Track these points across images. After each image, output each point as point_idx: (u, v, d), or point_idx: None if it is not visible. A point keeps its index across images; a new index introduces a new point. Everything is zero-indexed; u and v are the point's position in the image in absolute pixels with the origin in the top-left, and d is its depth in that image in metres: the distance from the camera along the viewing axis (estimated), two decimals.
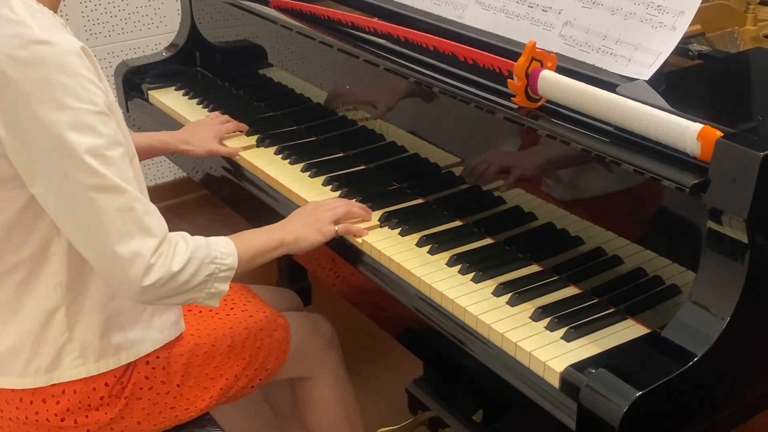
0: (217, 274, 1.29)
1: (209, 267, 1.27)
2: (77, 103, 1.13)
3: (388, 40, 1.65)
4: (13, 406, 1.33)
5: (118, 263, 1.18)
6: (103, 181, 1.15)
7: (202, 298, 1.29)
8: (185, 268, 1.23)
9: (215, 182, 2.00)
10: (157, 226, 1.21)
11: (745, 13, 1.62)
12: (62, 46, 1.14)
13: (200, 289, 1.27)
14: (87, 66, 1.16)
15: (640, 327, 1.23)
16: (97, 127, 1.15)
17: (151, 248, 1.20)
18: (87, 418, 1.34)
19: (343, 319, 2.07)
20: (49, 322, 1.28)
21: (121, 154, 1.18)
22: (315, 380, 1.64)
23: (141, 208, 1.19)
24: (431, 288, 1.36)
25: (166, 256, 1.21)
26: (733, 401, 1.21)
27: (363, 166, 1.76)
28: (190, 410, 1.42)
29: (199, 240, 1.29)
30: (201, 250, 1.27)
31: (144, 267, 1.19)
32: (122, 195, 1.17)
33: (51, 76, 1.12)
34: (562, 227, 1.37)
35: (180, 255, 1.23)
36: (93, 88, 1.16)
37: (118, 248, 1.17)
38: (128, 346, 1.34)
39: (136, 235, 1.18)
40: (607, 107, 1.20)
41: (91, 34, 2.86)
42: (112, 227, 1.17)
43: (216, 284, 1.29)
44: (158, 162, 3.14)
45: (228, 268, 1.30)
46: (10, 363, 1.30)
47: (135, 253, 1.18)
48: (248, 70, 2.16)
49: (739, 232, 1.07)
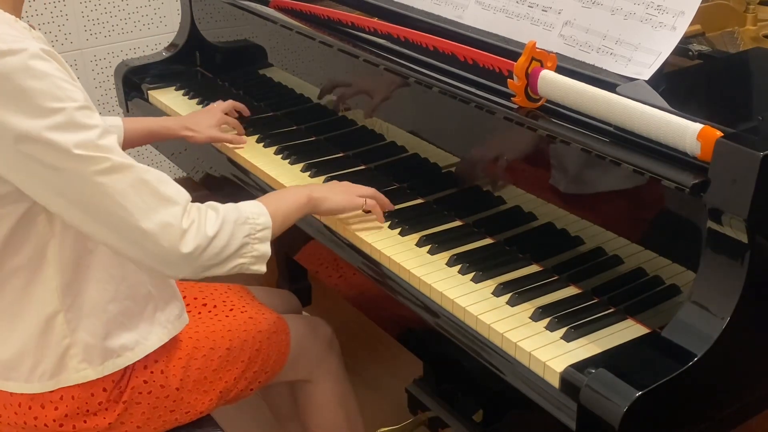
0: (254, 234, 1.28)
1: (244, 228, 1.26)
2: (57, 104, 1.11)
3: (388, 40, 1.65)
4: (12, 411, 1.33)
5: (149, 239, 1.16)
6: (105, 164, 1.13)
7: (248, 264, 1.28)
8: (220, 231, 1.22)
9: (215, 182, 1.99)
10: (176, 192, 1.20)
11: (745, 13, 1.62)
12: (27, 51, 1.10)
13: (242, 253, 1.26)
14: (55, 66, 1.13)
15: (640, 327, 1.23)
16: (84, 121, 1.13)
17: (177, 215, 1.18)
18: (86, 423, 1.33)
19: (343, 319, 2.07)
20: (50, 327, 1.27)
21: (114, 141, 1.16)
22: (315, 383, 1.64)
23: (153, 179, 1.17)
24: (431, 288, 1.36)
25: (198, 223, 1.20)
26: (733, 401, 1.21)
27: (363, 166, 1.76)
28: (190, 413, 1.42)
29: (227, 205, 1.28)
30: (232, 213, 1.26)
31: (178, 234, 1.17)
32: (130, 171, 1.15)
33: (22, 84, 1.09)
34: (562, 227, 1.37)
35: (212, 220, 1.22)
36: (68, 86, 1.13)
37: (144, 224, 1.15)
38: (132, 346, 1.34)
39: (158, 207, 1.16)
40: (607, 107, 1.20)
41: (91, 34, 2.86)
42: (130, 205, 1.14)
43: (257, 246, 1.28)
44: (158, 162, 3.14)
45: (263, 227, 1.29)
46: (17, 368, 1.29)
47: (163, 223, 1.16)
48: (248, 70, 2.16)
49: (739, 232, 1.07)
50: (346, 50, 1.70)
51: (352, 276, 1.53)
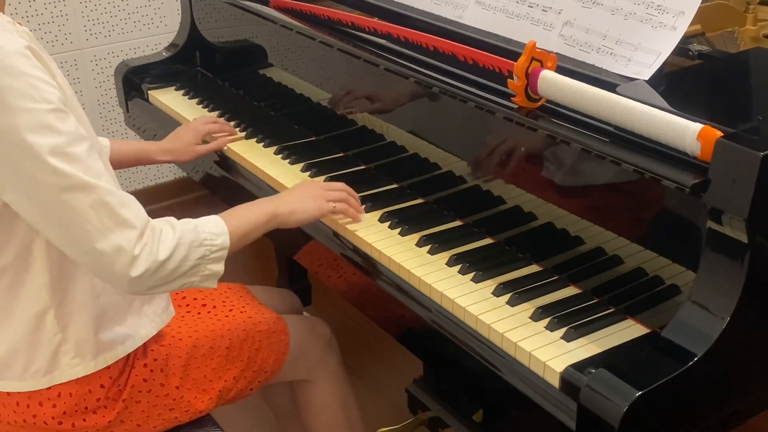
0: (209, 256, 1.27)
1: (199, 250, 1.25)
2: (30, 104, 1.10)
3: (388, 40, 1.65)
4: (11, 410, 1.33)
5: (102, 260, 1.17)
6: (70, 181, 1.13)
7: (197, 282, 1.27)
8: (173, 255, 1.21)
9: (215, 182, 1.99)
10: (134, 216, 1.19)
11: (745, 13, 1.62)
12: (5, 48, 1.10)
13: (192, 273, 1.25)
14: (34, 65, 1.13)
15: (640, 327, 1.23)
16: (55, 125, 1.12)
17: (132, 240, 1.18)
18: (85, 421, 1.33)
19: (343, 319, 2.07)
20: (40, 325, 1.28)
21: (86, 149, 1.16)
22: (314, 383, 1.64)
23: (114, 201, 1.17)
24: (431, 288, 1.36)
25: (151, 246, 1.19)
26: (733, 401, 1.21)
27: (363, 166, 1.76)
28: (189, 412, 1.42)
29: (186, 224, 1.26)
30: (188, 234, 1.25)
31: (129, 259, 1.17)
32: (93, 191, 1.15)
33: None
34: (562, 227, 1.37)
35: (166, 243, 1.21)
36: (44, 86, 1.13)
37: (98, 245, 1.16)
38: (122, 339, 1.34)
39: (115, 229, 1.16)
40: (607, 107, 1.20)
41: (91, 34, 2.86)
42: (88, 225, 1.15)
43: (209, 266, 1.27)
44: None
45: (219, 248, 1.28)
46: (9, 367, 1.30)
47: (117, 247, 1.16)
48: (248, 70, 2.16)
49: (739, 232, 1.07)
50: (346, 50, 1.70)
51: (352, 276, 1.53)
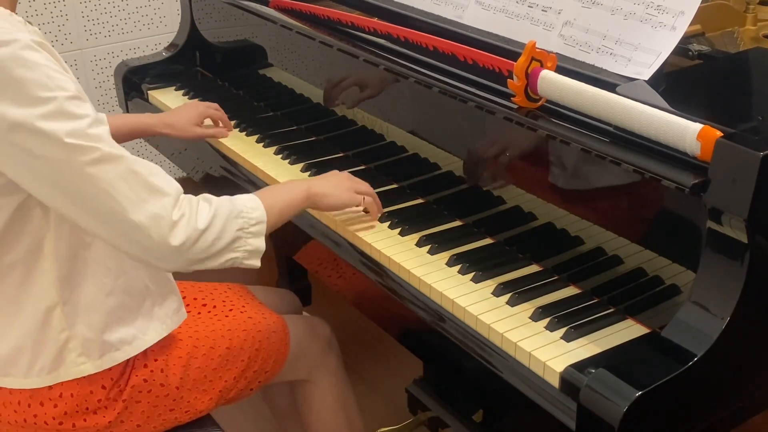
0: (247, 228, 1.26)
1: (237, 221, 1.25)
2: (47, 93, 1.10)
3: (388, 40, 1.65)
4: (11, 409, 1.33)
5: (139, 231, 1.15)
6: (95, 154, 1.12)
7: (240, 258, 1.27)
8: (212, 224, 1.21)
9: (215, 182, 1.99)
10: (166, 183, 1.19)
11: (745, 13, 1.62)
12: (18, 41, 1.10)
13: (235, 247, 1.25)
14: (47, 57, 1.13)
15: (640, 327, 1.23)
16: (74, 111, 1.12)
17: (168, 206, 1.17)
18: (85, 421, 1.33)
19: (343, 319, 2.07)
20: (48, 321, 1.27)
21: (106, 131, 1.15)
22: (314, 383, 1.64)
23: (144, 170, 1.16)
24: (431, 288, 1.36)
25: (189, 215, 1.19)
26: (733, 401, 1.21)
27: (363, 166, 1.76)
28: (189, 412, 1.42)
29: (222, 198, 1.27)
30: (225, 205, 1.25)
31: (168, 226, 1.16)
32: (120, 161, 1.14)
33: (13, 74, 1.09)
34: (562, 227, 1.37)
35: (204, 212, 1.21)
36: (59, 75, 1.13)
37: (134, 216, 1.14)
38: (130, 340, 1.34)
39: (149, 198, 1.16)
40: (607, 107, 1.20)
41: (91, 34, 2.86)
42: (120, 196, 1.14)
43: (250, 240, 1.27)
44: (158, 162, 3.12)
45: (257, 221, 1.28)
46: (15, 364, 1.29)
47: (153, 215, 1.15)
48: (248, 70, 2.16)
49: (739, 232, 1.07)
50: (346, 50, 1.70)
51: (352, 276, 1.53)
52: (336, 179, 1.51)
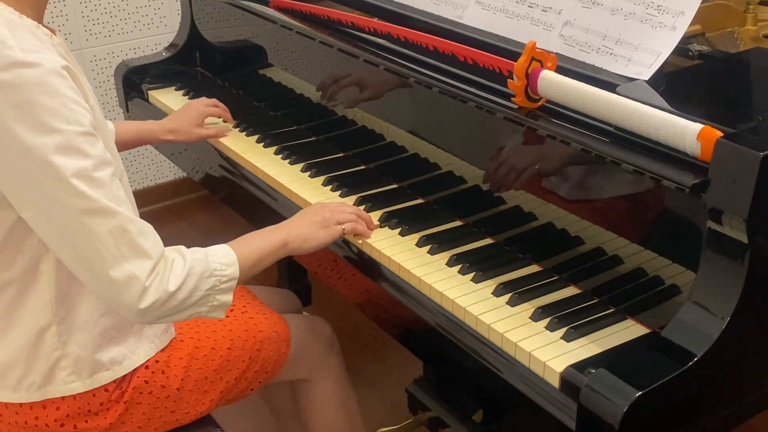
0: (218, 287, 1.25)
1: (209, 281, 1.24)
2: (63, 125, 1.10)
3: (388, 40, 1.65)
4: (13, 411, 1.33)
5: (113, 287, 1.16)
6: (93, 204, 1.12)
7: (205, 312, 1.26)
8: (183, 285, 1.20)
9: (215, 182, 2.00)
10: (151, 246, 1.18)
11: (745, 13, 1.62)
12: (44, 66, 1.10)
13: (202, 303, 1.24)
14: (70, 86, 1.13)
15: (640, 327, 1.23)
16: (84, 148, 1.12)
17: (146, 270, 1.17)
18: (87, 423, 1.33)
19: (343, 319, 2.07)
20: (41, 340, 1.27)
21: (109, 174, 1.15)
22: (315, 382, 1.64)
23: (134, 230, 1.16)
24: (431, 288, 1.36)
25: (162, 276, 1.18)
26: (733, 401, 1.21)
27: (363, 166, 1.76)
28: (190, 414, 1.42)
29: (196, 253, 1.25)
30: (199, 265, 1.23)
31: (140, 290, 1.16)
32: (114, 217, 1.14)
33: (34, 98, 1.08)
34: (562, 227, 1.37)
35: (177, 273, 1.20)
36: (78, 108, 1.12)
37: (112, 272, 1.15)
38: (120, 359, 1.34)
39: (131, 258, 1.15)
40: (607, 107, 1.20)
41: (91, 34, 2.86)
42: (105, 251, 1.14)
43: (218, 296, 1.26)
44: (158, 162, 3.14)
45: (229, 278, 1.27)
46: (4, 378, 1.29)
47: (130, 276, 1.15)
48: (248, 70, 2.16)
49: (739, 232, 1.07)
50: (346, 50, 1.70)
51: (351, 276, 1.53)
52: (312, 218, 1.44)
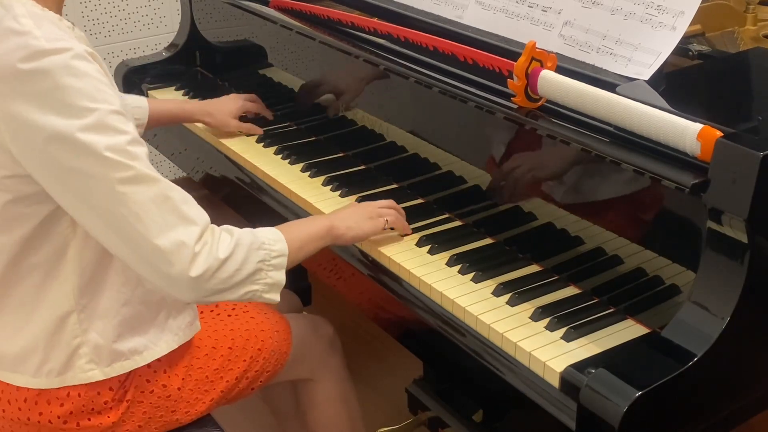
0: (269, 261, 1.24)
1: (258, 253, 1.23)
2: (92, 104, 1.10)
3: (388, 40, 1.65)
4: (16, 407, 1.33)
5: (161, 257, 1.14)
6: (131, 173, 1.12)
7: (260, 291, 1.24)
8: (233, 254, 1.19)
9: (215, 182, 2.00)
10: (197, 214, 1.18)
11: (745, 13, 1.62)
12: (71, 50, 1.11)
13: (255, 279, 1.23)
14: (97, 69, 1.14)
15: (640, 327, 1.23)
16: (117, 125, 1.12)
17: (194, 236, 1.15)
18: (89, 421, 1.33)
19: (343, 319, 2.07)
20: (62, 327, 1.27)
21: (144, 153, 1.15)
22: (316, 382, 1.64)
23: (178, 197, 1.16)
24: (431, 288, 1.36)
25: (211, 245, 1.17)
26: (733, 401, 1.21)
27: (363, 166, 1.76)
28: (191, 413, 1.42)
29: (243, 229, 1.25)
30: (246, 237, 1.23)
31: (189, 256, 1.14)
32: (155, 184, 1.14)
33: (60, 81, 1.09)
34: (562, 227, 1.37)
35: (225, 242, 1.19)
36: (106, 89, 1.13)
37: (158, 241, 1.13)
38: (141, 350, 1.34)
39: (177, 225, 1.14)
40: (607, 107, 1.20)
41: (91, 34, 2.86)
42: (149, 219, 1.13)
43: (271, 273, 1.25)
44: (158, 162, 3.13)
45: (278, 254, 1.26)
46: (24, 362, 1.29)
47: (177, 243, 1.14)
48: (248, 70, 2.16)
49: (739, 232, 1.07)
50: (346, 50, 1.70)
51: (351, 276, 1.53)
52: (357, 210, 1.46)
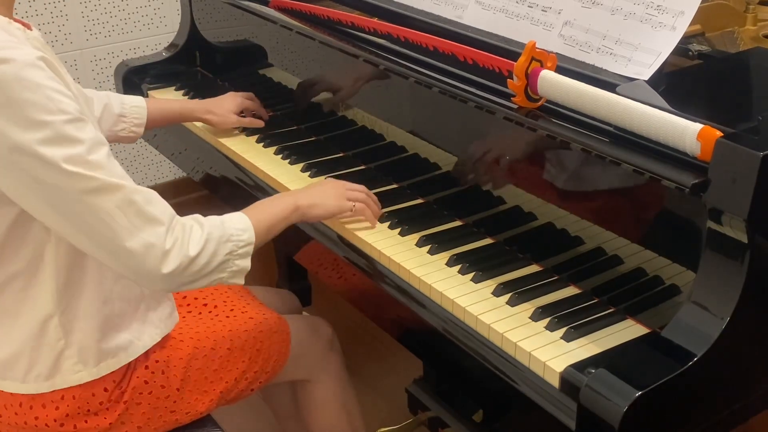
0: (236, 251, 1.28)
1: (227, 246, 1.27)
2: (48, 117, 1.10)
3: (388, 40, 1.65)
4: (12, 412, 1.33)
5: (133, 258, 1.18)
6: (93, 183, 1.13)
7: (226, 278, 1.29)
8: (203, 250, 1.23)
9: (215, 182, 2.00)
10: (161, 212, 1.20)
11: (745, 13, 1.62)
12: (18, 60, 1.09)
13: (222, 269, 1.27)
14: (49, 76, 1.12)
15: (640, 327, 1.23)
16: (74, 135, 1.12)
17: (161, 235, 1.19)
18: (86, 423, 1.33)
19: (343, 319, 2.07)
20: (44, 331, 1.28)
21: (105, 154, 1.16)
22: (316, 382, 1.64)
23: (141, 199, 1.18)
24: (431, 288, 1.36)
25: (181, 241, 1.21)
26: (733, 401, 1.21)
27: (363, 166, 1.76)
28: (190, 414, 1.42)
29: (213, 220, 1.28)
30: (216, 230, 1.26)
31: (160, 255, 1.18)
32: (118, 191, 1.16)
33: (14, 95, 1.08)
34: (562, 227, 1.37)
35: (196, 239, 1.23)
36: (60, 97, 1.12)
37: (128, 244, 1.16)
38: (126, 346, 1.34)
39: (144, 227, 1.17)
40: (607, 107, 1.20)
41: (91, 34, 2.86)
42: (117, 226, 1.16)
43: (237, 261, 1.29)
44: (158, 162, 3.13)
45: (246, 243, 1.30)
46: (12, 369, 1.30)
47: (147, 244, 1.17)
48: (248, 70, 2.16)
49: (739, 232, 1.07)
50: (346, 50, 1.70)
51: (352, 276, 1.53)
52: (324, 187, 1.51)
